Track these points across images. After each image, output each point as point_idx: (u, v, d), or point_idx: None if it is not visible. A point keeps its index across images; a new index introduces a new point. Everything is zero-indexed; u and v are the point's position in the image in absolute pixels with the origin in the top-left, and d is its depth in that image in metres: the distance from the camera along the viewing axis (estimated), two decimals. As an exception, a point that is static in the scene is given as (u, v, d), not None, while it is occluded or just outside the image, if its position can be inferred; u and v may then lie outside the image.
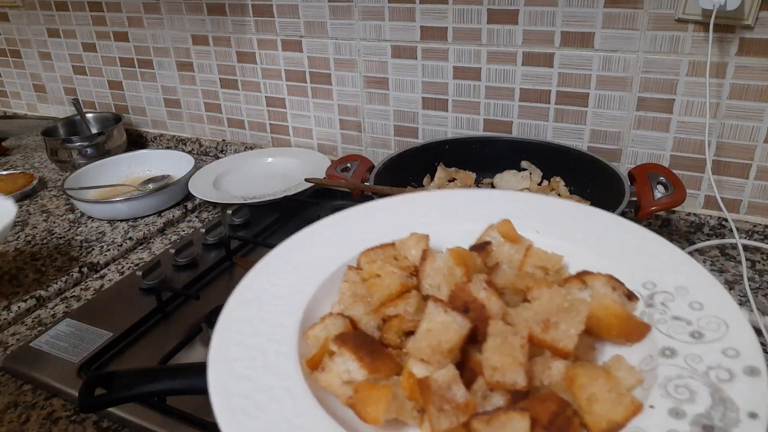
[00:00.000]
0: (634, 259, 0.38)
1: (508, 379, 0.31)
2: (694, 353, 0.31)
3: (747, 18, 0.84)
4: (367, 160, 0.97)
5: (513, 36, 1.02)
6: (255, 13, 1.24)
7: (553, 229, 0.43)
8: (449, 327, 0.34)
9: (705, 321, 0.34)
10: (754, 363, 0.30)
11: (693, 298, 0.35)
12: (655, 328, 0.34)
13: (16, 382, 0.76)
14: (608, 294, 0.35)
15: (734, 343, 0.31)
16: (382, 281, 0.39)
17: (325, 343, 0.36)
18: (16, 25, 1.62)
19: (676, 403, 0.29)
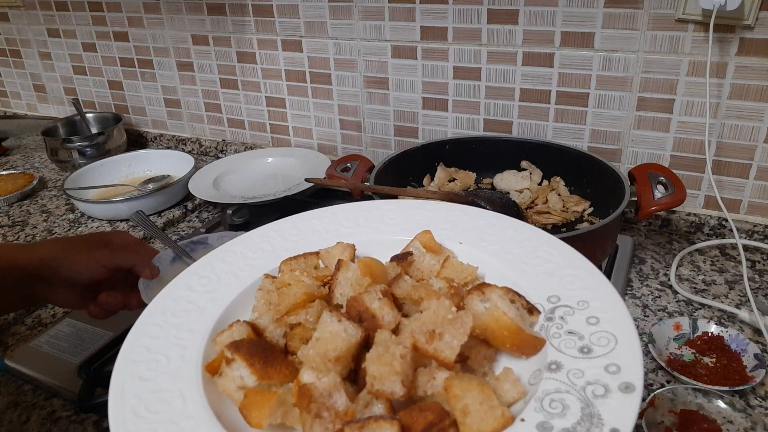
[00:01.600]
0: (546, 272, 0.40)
1: (386, 388, 0.32)
2: (578, 368, 0.32)
3: (747, 18, 0.84)
4: (367, 160, 0.97)
5: (513, 36, 1.02)
6: (255, 13, 1.24)
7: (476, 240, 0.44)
8: (338, 336, 0.35)
9: (597, 336, 0.35)
10: (631, 380, 0.31)
11: (591, 313, 0.36)
12: (549, 342, 0.35)
13: (16, 382, 0.76)
14: (505, 306, 0.36)
15: (618, 359, 0.33)
16: (290, 290, 0.40)
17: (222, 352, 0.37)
18: (16, 25, 1.62)
19: (547, 417, 0.30)
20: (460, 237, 0.46)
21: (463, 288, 0.41)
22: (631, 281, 0.89)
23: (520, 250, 0.43)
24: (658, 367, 0.72)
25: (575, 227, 0.90)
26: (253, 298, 0.44)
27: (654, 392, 0.65)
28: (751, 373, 0.68)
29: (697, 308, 0.82)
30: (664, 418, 0.62)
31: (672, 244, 0.99)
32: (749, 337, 0.74)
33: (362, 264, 0.42)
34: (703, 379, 0.67)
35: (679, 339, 0.75)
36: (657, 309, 0.83)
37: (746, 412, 0.62)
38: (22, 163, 1.49)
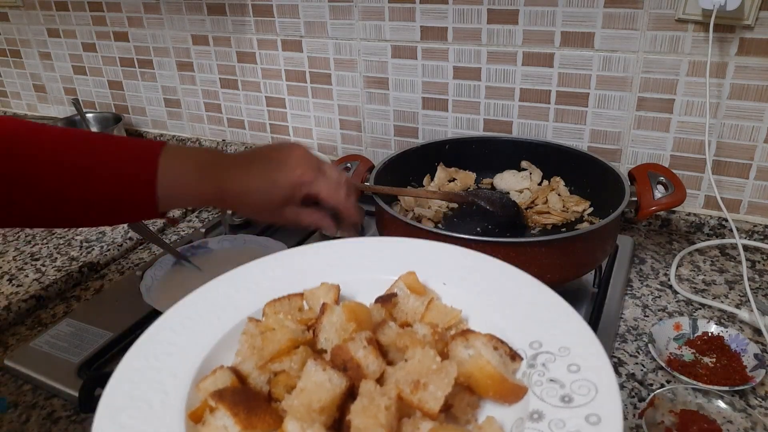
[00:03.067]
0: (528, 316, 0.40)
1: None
2: (560, 418, 0.33)
3: (747, 18, 0.84)
4: (367, 160, 0.97)
5: (513, 36, 1.02)
6: (255, 13, 1.24)
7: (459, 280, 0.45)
8: (323, 386, 0.35)
9: (578, 384, 0.35)
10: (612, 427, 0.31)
11: (572, 360, 0.37)
12: (531, 390, 0.35)
13: (16, 382, 0.76)
14: (489, 354, 0.36)
15: (599, 409, 0.33)
16: (274, 335, 0.40)
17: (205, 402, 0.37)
18: (16, 25, 1.62)
19: None
20: (444, 277, 0.46)
21: (447, 332, 0.41)
22: (631, 281, 0.89)
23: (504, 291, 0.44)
24: (658, 367, 0.72)
25: (575, 227, 0.90)
26: (237, 340, 0.43)
27: (654, 392, 0.65)
28: (751, 373, 0.68)
29: (697, 308, 0.82)
30: (664, 418, 0.62)
31: (672, 244, 0.99)
32: (749, 337, 0.74)
33: (347, 309, 0.42)
34: (703, 379, 0.67)
35: (679, 339, 0.75)
36: (657, 309, 0.83)
37: (746, 412, 0.62)
38: (22, 163, 1.49)
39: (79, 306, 0.90)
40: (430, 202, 0.96)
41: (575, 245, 0.75)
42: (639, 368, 0.72)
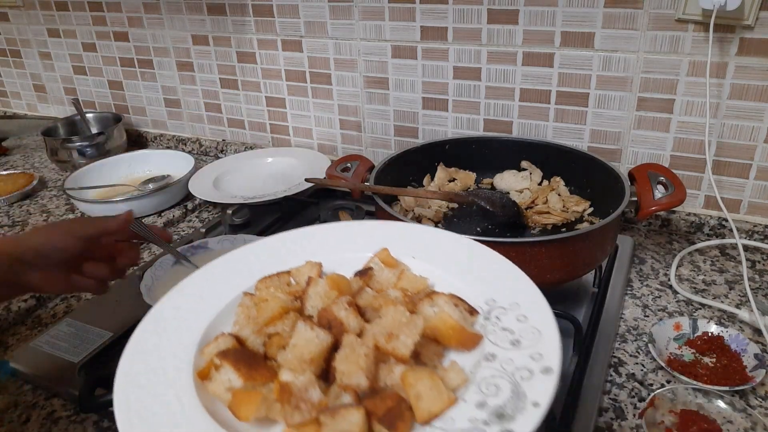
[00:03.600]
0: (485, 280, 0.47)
1: (353, 382, 0.39)
2: (509, 357, 0.39)
3: (747, 18, 0.84)
4: (368, 160, 0.97)
5: (513, 36, 1.02)
6: (255, 13, 1.24)
7: (426, 255, 0.52)
8: (312, 341, 0.42)
9: (525, 331, 0.41)
10: (551, 364, 0.38)
11: (521, 312, 0.44)
12: (486, 337, 0.42)
13: (16, 382, 0.76)
14: (450, 310, 0.43)
15: (541, 348, 0.39)
16: (268, 305, 0.47)
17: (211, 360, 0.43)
18: (16, 25, 1.62)
19: (483, 397, 0.37)
20: (413, 252, 0.53)
21: (416, 296, 0.47)
22: (631, 281, 0.89)
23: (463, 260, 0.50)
24: (658, 367, 0.72)
25: (575, 227, 0.90)
26: (233, 314, 0.49)
27: (654, 392, 0.65)
28: (751, 373, 0.68)
29: (697, 308, 0.82)
30: (664, 418, 0.62)
31: (672, 244, 0.99)
32: (749, 337, 0.74)
33: (329, 280, 0.49)
34: (703, 379, 0.67)
35: (679, 339, 0.75)
36: (657, 309, 0.83)
37: (746, 412, 0.62)
38: (22, 163, 1.49)
39: (79, 306, 0.90)
40: (430, 202, 0.96)
41: (575, 245, 0.75)
42: (639, 368, 0.72)
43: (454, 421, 0.36)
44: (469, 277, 0.48)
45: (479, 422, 0.35)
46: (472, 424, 0.35)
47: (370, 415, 0.37)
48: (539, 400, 0.36)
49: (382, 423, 0.37)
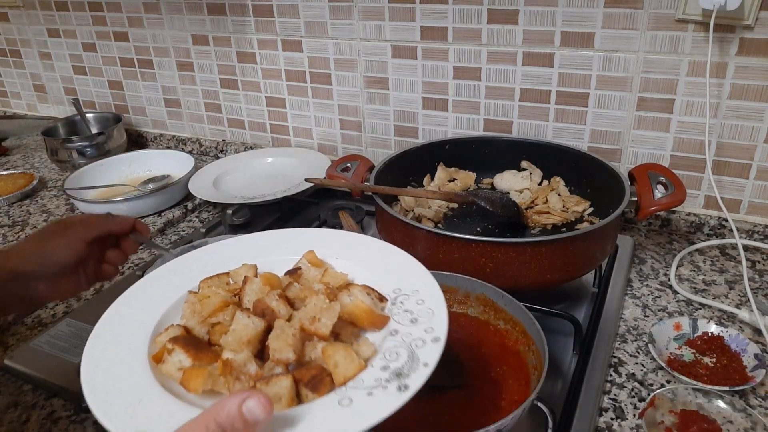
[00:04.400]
0: (393, 273, 0.58)
1: (283, 356, 0.48)
2: (408, 332, 0.50)
3: (747, 18, 0.84)
4: (368, 160, 0.97)
5: (513, 36, 1.02)
6: (255, 13, 1.24)
7: (348, 255, 0.62)
8: (248, 326, 0.50)
9: (422, 312, 0.52)
10: (439, 335, 0.48)
11: (420, 297, 0.54)
12: (392, 318, 0.52)
13: (16, 382, 0.76)
14: (363, 298, 0.53)
15: (433, 323, 0.50)
16: (210, 300, 0.55)
17: (164, 345, 0.51)
18: (16, 25, 1.62)
19: (386, 362, 0.47)
20: (336, 254, 0.62)
21: (336, 288, 0.56)
22: (631, 281, 0.89)
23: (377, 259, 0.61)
24: (658, 367, 0.72)
25: (575, 227, 0.90)
26: (180, 309, 0.57)
27: (654, 392, 0.65)
28: (751, 373, 0.68)
29: (697, 308, 0.82)
30: (664, 418, 0.62)
31: (672, 244, 0.99)
32: (749, 337, 0.74)
33: (263, 278, 0.57)
34: (703, 379, 0.67)
35: (679, 339, 0.75)
36: (657, 309, 0.83)
37: (746, 412, 0.62)
38: (22, 163, 1.49)
39: (79, 306, 0.90)
40: (430, 202, 0.96)
41: (575, 245, 0.75)
42: (639, 368, 0.72)
43: (363, 381, 0.45)
44: (380, 271, 0.58)
45: (382, 380, 0.45)
46: (377, 382, 0.45)
47: (297, 382, 0.46)
48: (428, 361, 0.46)
49: (307, 387, 0.46)
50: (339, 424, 0.42)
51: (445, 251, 0.75)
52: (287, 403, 0.45)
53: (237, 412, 0.39)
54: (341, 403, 0.44)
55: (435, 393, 0.62)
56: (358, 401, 0.43)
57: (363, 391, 0.44)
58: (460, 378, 0.63)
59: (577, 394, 0.67)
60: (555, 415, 0.58)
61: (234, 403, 0.39)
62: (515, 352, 0.67)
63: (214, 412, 0.39)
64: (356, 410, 0.43)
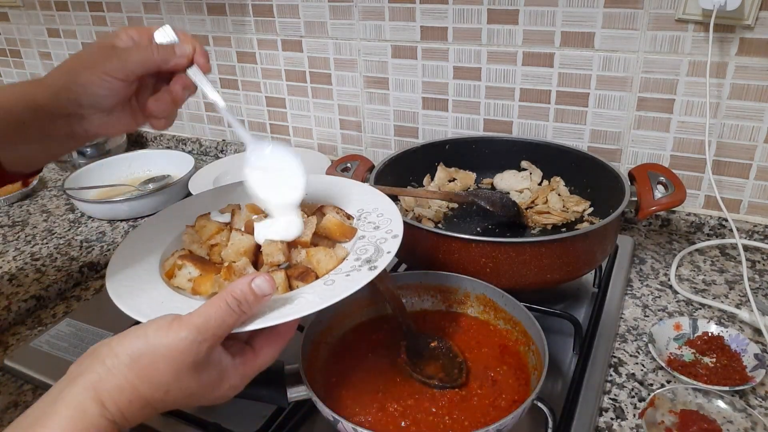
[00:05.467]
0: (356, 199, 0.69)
1: (275, 259, 0.58)
2: (373, 235, 0.61)
3: (747, 18, 0.84)
4: (368, 160, 0.97)
5: (513, 36, 1.02)
6: (255, 13, 1.24)
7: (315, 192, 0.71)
8: (243, 241, 0.60)
9: (383, 221, 0.63)
10: (397, 233, 0.60)
11: (380, 212, 0.65)
12: (359, 229, 0.64)
13: (16, 382, 0.76)
14: (334, 215, 0.64)
15: (392, 227, 0.61)
16: (207, 227, 0.65)
17: (174, 262, 0.61)
18: (16, 25, 1.62)
19: (358, 255, 0.58)
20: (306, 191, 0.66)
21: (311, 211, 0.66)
22: (631, 281, 0.89)
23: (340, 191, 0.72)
24: (658, 367, 0.72)
25: (575, 227, 0.90)
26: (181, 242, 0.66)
27: (654, 392, 0.65)
28: (751, 373, 0.68)
29: (697, 308, 0.82)
30: (664, 418, 0.62)
31: (672, 244, 0.99)
32: (749, 337, 0.74)
33: (248, 207, 0.66)
34: (703, 379, 0.67)
35: (679, 339, 0.75)
36: (657, 309, 0.83)
37: (746, 412, 0.62)
38: (22, 163, 1.49)
39: (79, 306, 0.90)
40: (430, 202, 0.96)
41: (575, 245, 0.75)
42: (639, 368, 0.72)
43: (341, 269, 0.57)
44: (345, 199, 0.70)
45: (356, 266, 0.56)
46: (352, 268, 0.56)
47: (288, 277, 0.56)
48: (390, 249, 0.57)
49: (297, 279, 0.56)
50: (326, 294, 0.52)
51: (445, 251, 0.75)
52: (283, 290, 0.55)
53: (248, 288, 0.47)
54: (326, 283, 0.55)
55: (435, 393, 0.62)
56: (339, 281, 0.54)
57: (342, 275, 0.55)
58: (460, 378, 0.63)
59: (577, 394, 0.67)
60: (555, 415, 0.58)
61: (245, 281, 0.48)
62: (515, 352, 0.67)
63: (230, 289, 0.47)
64: (338, 285, 0.53)
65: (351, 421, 0.54)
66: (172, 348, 0.45)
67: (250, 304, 0.47)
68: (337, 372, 0.65)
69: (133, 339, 0.46)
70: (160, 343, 0.45)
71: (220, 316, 0.46)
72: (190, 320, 0.46)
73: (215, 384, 0.48)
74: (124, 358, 0.45)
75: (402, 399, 0.60)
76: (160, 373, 0.45)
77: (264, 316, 0.49)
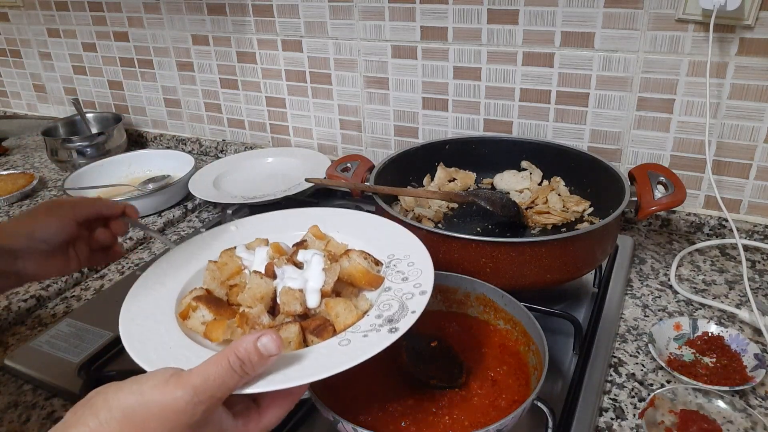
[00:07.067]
0: (388, 241, 0.65)
1: (291, 308, 0.56)
2: (400, 288, 0.57)
3: (747, 18, 0.84)
4: (368, 160, 0.97)
5: (513, 36, 1.02)
6: (255, 13, 1.24)
7: (348, 229, 0.69)
8: (261, 285, 0.58)
9: (412, 271, 0.59)
10: (426, 288, 0.55)
11: (410, 260, 0.61)
12: (387, 278, 0.59)
13: (16, 382, 0.76)
14: (361, 261, 0.60)
15: (422, 280, 0.57)
16: (228, 265, 0.63)
17: (189, 303, 0.59)
18: (16, 25, 1.62)
19: (380, 312, 0.54)
20: (338, 228, 0.69)
21: (337, 255, 0.63)
22: (631, 281, 0.89)
23: (374, 230, 0.68)
24: (658, 367, 0.72)
25: (575, 227, 0.90)
26: (202, 277, 0.64)
27: (654, 392, 0.65)
28: (751, 373, 0.68)
29: (697, 308, 0.82)
30: (664, 418, 0.62)
31: (672, 244, 0.99)
32: (749, 337, 0.74)
33: (273, 246, 0.64)
34: (703, 379, 0.67)
35: (679, 339, 0.75)
36: (657, 309, 0.83)
37: (746, 412, 0.62)
38: (22, 163, 1.49)
39: (79, 306, 0.91)
40: (430, 202, 0.96)
41: (575, 245, 0.75)
42: (639, 368, 0.72)
43: (360, 327, 0.53)
44: (377, 241, 0.66)
45: (376, 325, 0.52)
46: (372, 327, 0.52)
47: (304, 330, 0.54)
48: (416, 309, 0.53)
49: (313, 333, 0.53)
50: (339, 357, 0.49)
51: (445, 251, 0.75)
52: (296, 346, 0.53)
53: (253, 347, 0.45)
54: (341, 343, 0.51)
55: (435, 393, 0.62)
56: (355, 341, 0.51)
57: (359, 334, 0.52)
58: (460, 378, 0.63)
59: (577, 394, 0.67)
60: (555, 415, 0.58)
61: (250, 340, 0.45)
62: (515, 352, 0.67)
63: (234, 347, 0.45)
64: (354, 347, 0.50)
65: (351, 421, 0.54)
66: (165, 408, 0.43)
67: (254, 365, 0.45)
68: (337, 372, 0.65)
69: (128, 393, 0.44)
70: (154, 400, 0.43)
71: (221, 377, 0.44)
72: (188, 379, 0.44)
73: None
74: (116, 413, 0.43)
75: (402, 399, 0.60)
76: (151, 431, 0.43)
77: (269, 377, 0.47)
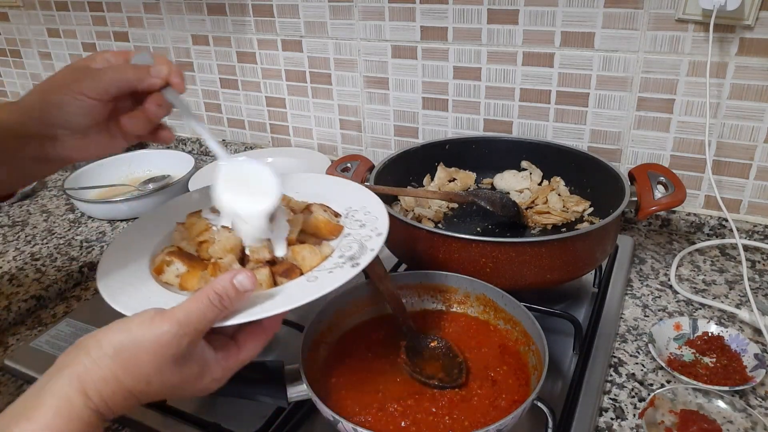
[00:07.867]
0: (346, 197, 0.70)
1: (260, 256, 0.58)
2: (359, 232, 0.62)
3: (747, 18, 0.84)
4: (368, 160, 0.97)
5: (513, 36, 1.02)
6: (255, 13, 1.24)
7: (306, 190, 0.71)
8: (230, 238, 0.60)
9: (369, 219, 0.64)
10: (382, 231, 0.60)
11: (367, 210, 0.66)
12: (346, 227, 0.64)
13: (16, 382, 0.76)
14: (321, 213, 0.64)
15: (377, 225, 0.62)
16: (196, 225, 0.65)
17: (163, 259, 0.61)
18: (16, 25, 1.62)
19: (343, 252, 0.59)
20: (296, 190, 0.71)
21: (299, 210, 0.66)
22: (631, 281, 0.89)
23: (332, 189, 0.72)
24: (658, 367, 0.72)
25: (575, 227, 0.90)
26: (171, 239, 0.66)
27: (654, 392, 0.65)
28: (751, 373, 0.68)
29: (697, 308, 0.82)
30: (664, 418, 0.62)
31: (672, 244, 0.99)
32: (749, 337, 0.74)
33: None
34: (703, 379, 0.67)
35: (679, 339, 0.75)
36: (657, 309, 0.83)
37: (746, 412, 0.62)
38: (22, 163, 1.49)
39: (79, 306, 0.90)
40: (430, 202, 0.96)
41: (575, 245, 0.75)
42: (639, 368, 0.72)
43: (325, 266, 0.57)
44: (335, 196, 0.70)
45: (339, 263, 0.56)
46: (335, 264, 0.57)
47: (273, 273, 0.57)
48: (374, 247, 0.58)
49: (282, 276, 0.57)
50: (309, 290, 0.53)
51: (445, 251, 0.75)
52: (267, 286, 0.56)
53: (230, 284, 0.49)
54: (309, 279, 0.56)
55: (435, 393, 0.62)
56: (322, 277, 0.55)
57: (325, 271, 0.56)
58: (460, 378, 0.63)
59: (577, 394, 0.67)
60: (555, 415, 0.58)
61: (227, 277, 0.49)
62: (515, 352, 0.67)
63: (212, 285, 0.49)
64: (321, 282, 0.54)
65: (351, 421, 0.54)
66: (153, 341, 0.46)
67: (231, 300, 0.49)
68: (337, 372, 0.65)
69: (117, 332, 0.47)
70: (142, 336, 0.46)
71: (202, 311, 0.47)
72: (172, 314, 0.47)
73: (197, 377, 0.50)
74: (108, 350, 0.45)
75: (402, 399, 0.60)
76: (142, 365, 0.46)
77: (246, 311, 0.51)
